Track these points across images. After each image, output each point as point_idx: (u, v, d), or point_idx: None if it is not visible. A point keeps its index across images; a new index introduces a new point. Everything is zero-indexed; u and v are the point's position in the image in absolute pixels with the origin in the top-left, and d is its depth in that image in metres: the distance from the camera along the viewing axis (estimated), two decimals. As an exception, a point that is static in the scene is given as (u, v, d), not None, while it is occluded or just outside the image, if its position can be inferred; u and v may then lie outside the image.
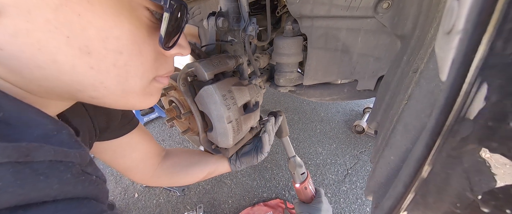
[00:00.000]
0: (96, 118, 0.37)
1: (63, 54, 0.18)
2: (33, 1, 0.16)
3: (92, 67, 0.20)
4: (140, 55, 0.22)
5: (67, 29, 0.17)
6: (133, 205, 0.98)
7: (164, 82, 0.28)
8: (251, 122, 0.51)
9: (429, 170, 0.15)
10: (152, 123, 1.59)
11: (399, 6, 0.37)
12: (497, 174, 0.15)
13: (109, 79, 0.21)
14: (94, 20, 0.18)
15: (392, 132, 0.23)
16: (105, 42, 0.19)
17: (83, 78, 0.20)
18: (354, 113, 1.68)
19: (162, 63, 0.26)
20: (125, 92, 0.23)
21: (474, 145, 0.15)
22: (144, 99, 0.26)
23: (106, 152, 0.44)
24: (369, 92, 0.57)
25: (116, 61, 0.21)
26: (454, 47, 0.12)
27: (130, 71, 0.22)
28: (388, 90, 0.36)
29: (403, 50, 0.35)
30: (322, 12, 0.51)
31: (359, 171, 1.16)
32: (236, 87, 0.44)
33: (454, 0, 0.13)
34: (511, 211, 0.14)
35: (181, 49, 0.27)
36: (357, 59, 0.53)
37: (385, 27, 0.43)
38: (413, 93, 0.20)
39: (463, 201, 0.15)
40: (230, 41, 0.60)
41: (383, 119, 0.37)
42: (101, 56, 0.20)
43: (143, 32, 0.22)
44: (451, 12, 0.13)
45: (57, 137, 0.18)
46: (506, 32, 0.10)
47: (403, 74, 0.32)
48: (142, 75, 0.24)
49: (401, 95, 0.27)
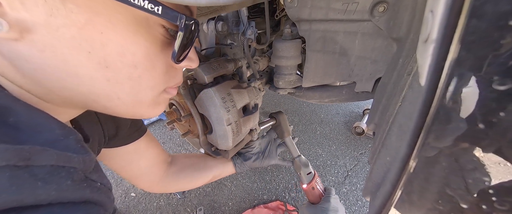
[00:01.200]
0: (106, 125, 0.38)
1: (84, 67, 0.19)
2: (62, 21, 0.17)
3: (108, 80, 0.21)
4: (153, 69, 0.23)
5: (89, 45, 0.19)
6: (134, 207, 0.98)
7: (172, 93, 0.29)
8: (251, 124, 0.52)
9: (412, 168, 0.15)
10: (153, 126, 1.59)
11: (395, 10, 0.38)
12: (491, 172, 0.15)
13: (123, 91, 0.23)
14: (114, 37, 0.20)
15: (388, 134, 0.24)
16: (122, 57, 0.21)
17: (100, 89, 0.21)
18: (354, 114, 1.68)
19: (172, 75, 0.27)
20: (136, 102, 0.25)
21: (468, 145, 0.16)
22: (152, 109, 0.27)
23: (114, 159, 0.45)
24: (367, 94, 0.58)
25: (131, 74, 0.22)
26: (430, 54, 0.13)
27: (142, 84, 0.23)
28: (385, 92, 0.37)
29: (398, 53, 0.36)
30: (320, 16, 0.52)
31: (359, 173, 1.16)
32: (235, 90, 0.45)
33: (429, 12, 0.14)
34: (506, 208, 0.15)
35: (191, 61, 0.28)
36: (355, 62, 0.54)
37: (382, 30, 0.44)
38: (407, 95, 0.20)
39: (444, 198, 0.15)
40: (229, 44, 0.61)
41: (380, 120, 0.37)
42: (118, 69, 0.21)
43: (157, 47, 0.23)
44: (427, 23, 0.14)
45: (64, 142, 0.19)
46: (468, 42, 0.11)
47: (399, 76, 0.32)
48: (154, 87, 0.25)
49: (396, 97, 0.28)
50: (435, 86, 0.13)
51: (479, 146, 0.14)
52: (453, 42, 0.12)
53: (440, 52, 0.12)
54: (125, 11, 0.19)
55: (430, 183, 0.15)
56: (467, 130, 0.14)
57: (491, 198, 0.14)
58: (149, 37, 0.22)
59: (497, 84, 0.12)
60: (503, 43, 0.11)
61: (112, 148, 0.42)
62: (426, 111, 0.14)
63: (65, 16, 0.17)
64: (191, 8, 0.24)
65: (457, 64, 0.12)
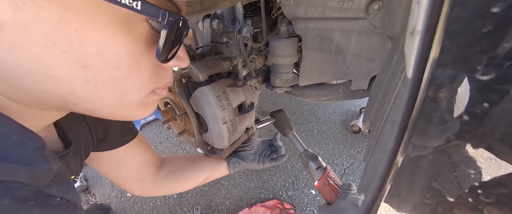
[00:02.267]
0: (95, 127, 0.37)
1: (59, 68, 0.18)
2: (31, 17, 0.16)
3: (88, 81, 0.20)
4: (138, 69, 0.22)
5: (65, 44, 0.17)
6: (130, 208, 0.97)
7: (162, 94, 0.28)
8: (246, 123, 0.51)
9: (400, 162, 0.15)
10: (149, 125, 1.58)
11: (389, 8, 0.38)
12: (483, 168, 0.16)
13: (106, 92, 0.21)
14: (92, 35, 0.18)
15: (381, 130, 0.24)
16: (103, 57, 0.19)
17: (79, 91, 0.20)
18: (351, 113, 1.70)
19: (161, 76, 0.26)
20: (122, 104, 0.23)
21: (454, 137, 0.16)
22: (140, 111, 0.26)
23: (103, 162, 0.43)
24: (363, 92, 0.58)
25: (113, 75, 0.20)
26: (416, 46, 0.13)
27: (128, 85, 0.22)
28: (380, 90, 0.37)
29: (393, 51, 0.36)
30: (316, 14, 0.52)
31: (355, 171, 1.17)
32: (230, 88, 0.44)
33: (415, 3, 0.14)
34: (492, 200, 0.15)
35: (180, 61, 0.26)
36: (351, 60, 0.54)
37: (377, 28, 0.44)
38: (399, 92, 0.20)
39: (431, 192, 0.15)
40: (225, 42, 0.60)
41: (375, 118, 0.38)
42: (98, 70, 0.19)
43: (142, 46, 0.22)
44: (412, 14, 0.14)
45: (17, 150, 0.17)
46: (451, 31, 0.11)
47: (393, 73, 0.32)
48: (140, 88, 0.23)
49: (390, 94, 0.28)
50: (420, 76, 0.13)
51: (468, 141, 0.14)
52: (437, 30, 0.12)
53: (424, 42, 0.12)
54: (103, 7, 0.18)
55: (417, 178, 0.15)
56: (453, 123, 0.14)
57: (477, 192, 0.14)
58: (132, 35, 0.20)
59: (481, 74, 0.12)
60: (485, 32, 0.11)
61: (101, 151, 0.41)
62: (412, 103, 0.14)
63: (34, 12, 0.16)
64: (178, 5, 0.23)
65: (442, 54, 0.12)
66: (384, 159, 0.17)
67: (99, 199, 1.02)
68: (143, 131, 1.53)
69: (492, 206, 0.15)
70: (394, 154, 0.15)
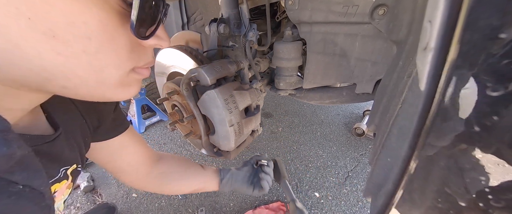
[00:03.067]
0: (88, 114, 0.37)
1: (25, 38, 0.17)
2: None
3: (59, 53, 0.19)
4: (113, 43, 0.21)
5: (29, 11, 0.17)
6: (135, 208, 0.99)
7: (144, 74, 0.27)
8: (252, 125, 0.52)
9: (413, 168, 0.16)
10: (153, 127, 1.60)
11: (394, 12, 0.38)
12: (491, 173, 0.16)
13: (81, 67, 0.20)
14: (58, 3, 0.17)
15: (388, 135, 0.24)
16: (72, 27, 0.18)
17: (51, 65, 0.19)
18: (354, 115, 1.69)
19: (140, 54, 0.25)
20: (101, 83, 0.22)
21: (466, 146, 0.16)
22: (122, 91, 0.25)
23: (99, 153, 0.44)
24: (367, 96, 0.58)
25: (85, 47, 0.20)
26: (428, 61, 0.14)
27: (103, 60, 0.21)
28: (385, 94, 0.38)
29: (398, 55, 0.36)
30: (320, 18, 0.52)
31: (359, 174, 1.16)
32: (237, 91, 0.45)
33: (427, 22, 0.15)
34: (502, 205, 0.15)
35: (160, 40, 0.26)
36: (355, 63, 0.55)
37: (381, 33, 0.44)
38: (407, 97, 0.21)
39: (443, 197, 0.16)
40: (231, 46, 0.61)
41: (381, 122, 0.38)
42: (68, 42, 0.19)
43: (114, 19, 0.21)
44: (425, 32, 0.15)
45: None
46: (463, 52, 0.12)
47: (399, 78, 0.33)
48: (119, 65, 0.23)
49: (396, 99, 0.28)
50: (434, 91, 0.14)
51: (477, 147, 0.15)
52: (450, 50, 0.13)
53: (438, 59, 0.13)
54: None
55: (429, 183, 0.15)
56: (465, 131, 0.14)
57: (487, 197, 0.15)
58: (102, 5, 0.20)
59: (491, 90, 0.13)
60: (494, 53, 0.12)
61: (97, 142, 0.42)
62: (425, 114, 0.14)
63: None
64: None
65: (454, 71, 0.13)
66: (396, 164, 0.17)
67: (105, 199, 1.04)
68: (148, 132, 1.55)
69: (502, 211, 0.15)
70: (407, 160, 0.16)
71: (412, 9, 0.31)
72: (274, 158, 0.70)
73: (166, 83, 0.53)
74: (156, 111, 1.66)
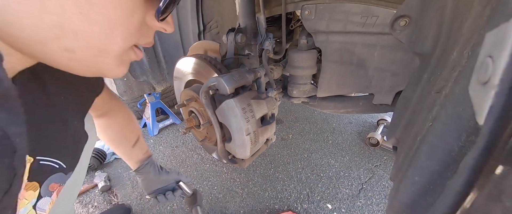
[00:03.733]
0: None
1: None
2: None
3: (81, 12, 0.19)
4: (131, 17, 0.22)
5: None
6: (148, 210, 1.01)
7: (139, 55, 0.28)
8: (268, 134, 0.52)
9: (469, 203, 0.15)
10: (166, 129, 1.64)
11: (418, 24, 0.38)
12: None
13: (94, 32, 0.20)
14: None
15: (416, 153, 0.23)
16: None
17: (68, 21, 0.19)
18: (367, 124, 1.63)
19: (144, 33, 0.26)
20: (103, 51, 0.23)
21: None
22: (116, 66, 0.26)
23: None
24: (386, 107, 0.56)
25: (107, 14, 0.20)
26: (491, 97, 0.14)
27: (117, 29, 0.22)
28: (408, 107, 0.37)
29: (422, 68, 0.35)
30: (338, 28, 0.52)
31: (374, 186, 1.11)
32: (255, 100, 0.46)
33: (488, 57, 0.15)
34: None
35: (167, 25, 0.27)
36: (373, 74, 0.54)
37: (402, 44, 0.43)
38: (439, 116, 0.20)
39: None
40: (247, 55, 0.63)
41: (404, 136, 0.37)
42: (95, 5, 0.19)
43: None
44: (486, 67, 0.15)
45: None
46: None
47: (424, 92, 0.32)
48: (126, 38, 0.24)
49: (423, 115, 0.28)
50: (497, 126, 0.13)
51: None
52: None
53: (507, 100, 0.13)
54: None
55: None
56: None
57: None
58: None
59: None
60: None
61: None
62: (488, 151, 0.14)
63: None
64: None
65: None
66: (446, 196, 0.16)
67: (121, 200, 1.07)
68: (161, 134, 1.59)
69: None
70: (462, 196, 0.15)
71: (438, 23, 0.31)
72: (195, 189, 0.81)
73: (184, 90, 0.55)
74: (169, 114, 1.71)
